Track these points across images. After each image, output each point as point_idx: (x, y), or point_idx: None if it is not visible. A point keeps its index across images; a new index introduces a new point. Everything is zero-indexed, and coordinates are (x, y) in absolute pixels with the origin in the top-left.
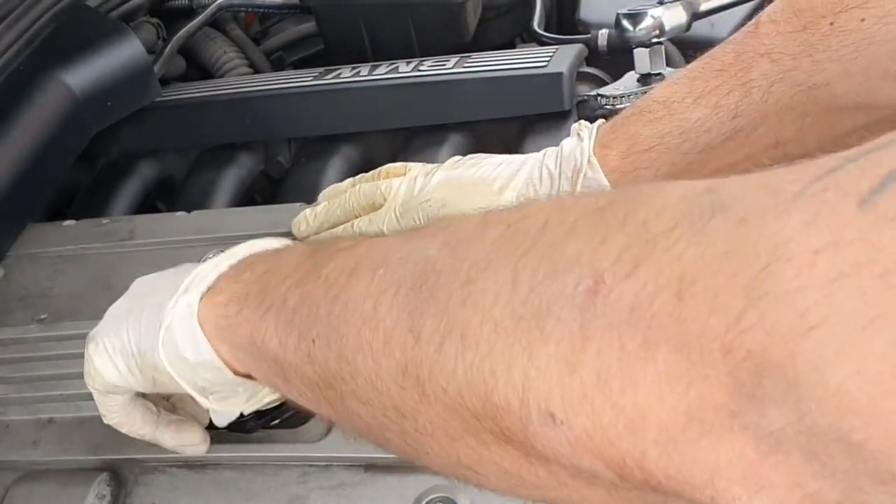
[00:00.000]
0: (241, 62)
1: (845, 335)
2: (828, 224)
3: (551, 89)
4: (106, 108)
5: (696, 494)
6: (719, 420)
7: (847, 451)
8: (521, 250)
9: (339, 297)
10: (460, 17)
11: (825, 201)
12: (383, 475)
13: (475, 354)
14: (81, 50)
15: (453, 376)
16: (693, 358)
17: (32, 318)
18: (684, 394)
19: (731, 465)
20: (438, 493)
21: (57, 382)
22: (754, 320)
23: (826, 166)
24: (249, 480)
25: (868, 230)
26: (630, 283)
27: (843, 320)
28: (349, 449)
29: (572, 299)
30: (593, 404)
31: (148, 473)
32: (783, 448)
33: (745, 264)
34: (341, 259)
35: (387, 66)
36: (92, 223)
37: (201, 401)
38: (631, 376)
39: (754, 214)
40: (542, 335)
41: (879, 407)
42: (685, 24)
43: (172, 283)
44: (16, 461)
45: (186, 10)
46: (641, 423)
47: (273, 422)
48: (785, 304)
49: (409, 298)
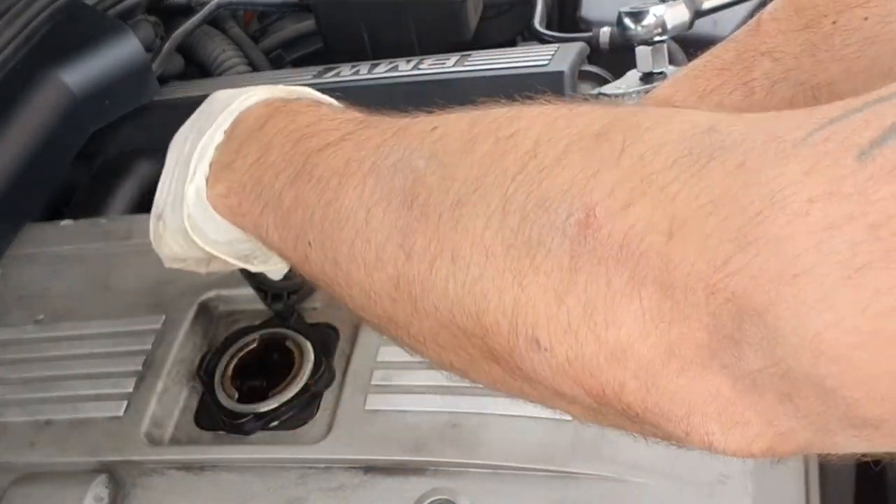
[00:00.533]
0: (239, 60)
1: (829, 285)
2: (825, 175)
3: (553, 88)
4: (104, 107)
5: (672, 428)
6: (698, 358)
7: (820, 396)
8: (510, 172)
9: (332, 205)
10: (461, 14)
11: (826, 152)
12: (383, 477)
13: (466, 276)
14: (79, 48)
15: (444, 295)
16: (677, 297)
17: (30, 319)
18: (666, 331)
19: (708, 401)
20: (438, 496)
21: (55, 383)
22: (741, 264)
23: (829, 115)
24: (248, 482)
25: (864, 182)
26: (621, 220)
27: (828, 270)
28: (349, 451)
29: (563, 231)
30: (577, 335)
31: (146, 475)
32: (758, 388)
33: (738, 209)
34: (330, 158)
35: (386, 65)
36: (90, 223)
37: (247, 266)
38: (615, 311)
39: (753, 159)
40: (532, 264)
41: (854, 357)
42: (687, 21)
43: (192, 142)
44: (13, 463)
45: (185, 8)
46: (622, 357)
47: (272, 423)
48: (773, 251)
49: (399, 214)
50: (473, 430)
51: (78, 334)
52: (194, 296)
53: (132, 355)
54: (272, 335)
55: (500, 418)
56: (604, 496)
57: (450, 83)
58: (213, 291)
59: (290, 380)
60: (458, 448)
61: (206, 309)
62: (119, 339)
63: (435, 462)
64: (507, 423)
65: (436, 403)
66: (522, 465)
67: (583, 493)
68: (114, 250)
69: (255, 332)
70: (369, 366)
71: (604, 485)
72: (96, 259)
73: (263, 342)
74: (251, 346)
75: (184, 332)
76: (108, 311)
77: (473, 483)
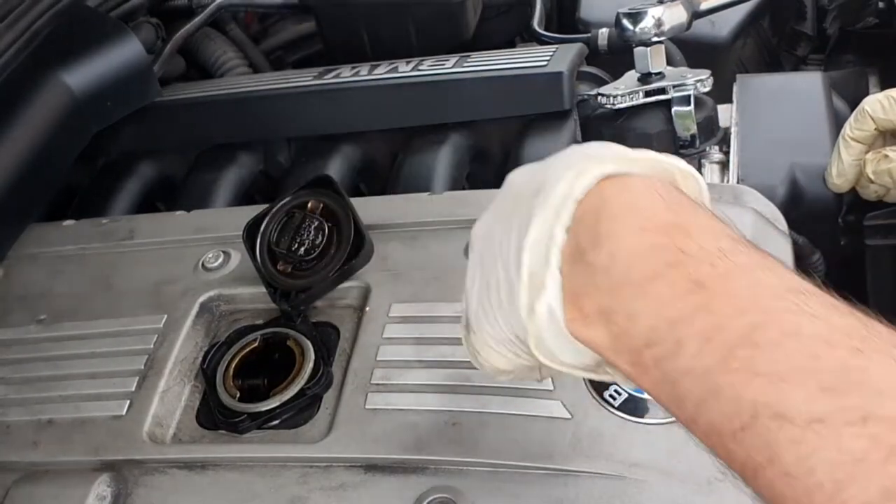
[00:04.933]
0: (240, 62)
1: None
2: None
3: (552, 89)
4: (106, 108)
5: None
6: None
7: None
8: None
9: (771, 406)
10: (460, 16)
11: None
12: (384, 476)
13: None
14: (81, 50)
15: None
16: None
17: (32, 319)
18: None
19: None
20: (439, 494)
21: (57, 383)
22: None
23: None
24: (250, 481)
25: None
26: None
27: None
28: (349, 450)
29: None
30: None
31: (148, 474)
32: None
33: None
34: (763, 334)
35: (386, 66)
36: (92, 223)
37: (592, 376)
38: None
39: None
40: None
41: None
42: (685, 22)
43: (515, 242)
44: (16, 462)
45: (186, 10)
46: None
47: (268, 423)
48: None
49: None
50: (473, 428)
51: (80, 334)
52: (195, 295)
53: (134, 355)
54: (274, 334)
55: (499, 417)
56: (603, 494)
57: (449, 84)
58: (213, 291)
59: (289, 382)
60: (459, 447)
61: (207, 308)
62: (121, 339)
63: (435, 461)
64: (507, 422)
65: (436, 402)
66: (522, 464)
67: (582, 491)
68: (115, 250)
69: (257, 331)
70: (370, 365)
71: (603, 483)
72: (98, 259)
73: (265, 341)
74: (253, 344)
75: (185, 331)
76: (110, 310)
77: (473, 481)
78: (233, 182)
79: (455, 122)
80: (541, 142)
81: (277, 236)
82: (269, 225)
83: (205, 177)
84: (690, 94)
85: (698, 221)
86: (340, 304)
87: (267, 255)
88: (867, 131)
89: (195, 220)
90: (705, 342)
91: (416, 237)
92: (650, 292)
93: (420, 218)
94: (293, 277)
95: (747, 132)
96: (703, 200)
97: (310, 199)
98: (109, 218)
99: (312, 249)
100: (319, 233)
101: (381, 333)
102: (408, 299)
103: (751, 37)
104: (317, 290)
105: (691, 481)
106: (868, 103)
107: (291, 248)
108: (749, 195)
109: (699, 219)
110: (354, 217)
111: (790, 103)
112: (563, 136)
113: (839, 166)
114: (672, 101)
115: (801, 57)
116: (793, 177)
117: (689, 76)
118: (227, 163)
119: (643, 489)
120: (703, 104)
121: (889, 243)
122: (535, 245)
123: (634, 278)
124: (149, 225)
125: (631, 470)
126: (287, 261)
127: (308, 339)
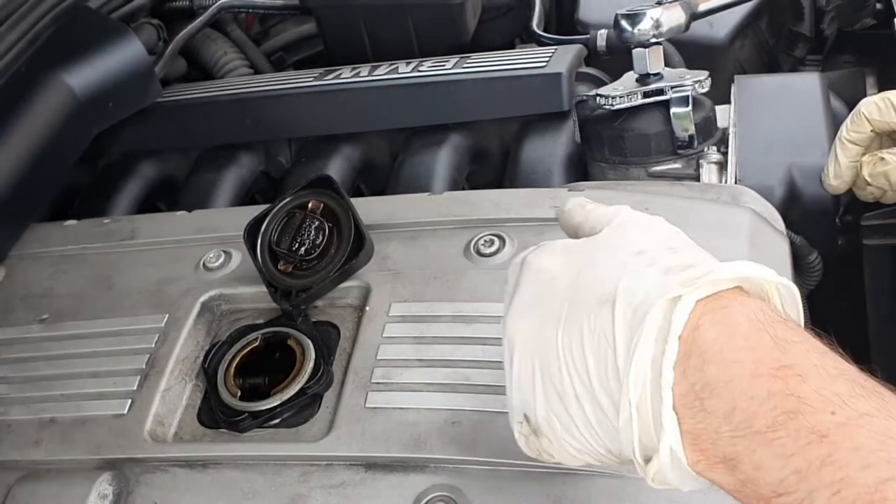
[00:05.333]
0: (241, 63)
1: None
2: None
3: (550, 89)
4: (107, 109)
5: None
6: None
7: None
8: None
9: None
10: (460, 17)
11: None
12: (384, 474)
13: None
14: (83, 51)
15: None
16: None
17: (34, 318)
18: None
19: None
20: (438, 493)
21: (59, 382)
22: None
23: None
24: (251, 479)
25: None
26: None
27: None
28: (350, 448)
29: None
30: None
31: (149, 473)
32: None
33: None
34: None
35: (387, 67)
36: (93, 223)
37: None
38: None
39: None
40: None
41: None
42: (684, 24)
43: (593, 358)
44: (18, 461)
45: (187, 12)
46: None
47: (268, 422)
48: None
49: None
50: (473, 427)
51: (81, 333)
52: (196, 295)
53: (135, 354)
54: (274, 334)
55: (499, 415)
56: (602, 493)
57: (449, 85)
58: (214, 291)
59: (290, 381)
60: (458, 445)
61: (208, 308)
62: (122, 338)
63: (435, 459)
64: (507, 421)
65: (436, 401)
66: (521, 462)
67: (581, 490)
68: (116, 250)
69: (258, 331)
70: (370, 364)
71: (601, 481)
72: (100, 259)
73: (266, 340)
74: (254, 344)
75: (187, 330)
76: (112, 310)
77: (473, 480)
78: (233, 182)
79: (455, 122)
80: (540, 142)
81: (278, 236)
82: (270, 225)
83: (206, 177)
84: (689, 94)
85: (809, 360)
86: (341, 303)
87: (268, 254)
88: (863, 133)
89: (196, 221)
90: (834, 495)
91: (416, 237)
92: (774, 442)
93: (420, 218)
94: (294, 277)
95: (745, 133)
96: (798, 311)
97: (310, 199)
98: (111, 218)
99: (313, 249)
100: (320, 233)
101: (381, 333)
102: (408, 299)
103: (749, 38)
104: (317, 289)
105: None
106: (864, 105)
107: (292, 247)
108: (747, 195)
109: (810, 357)
110: (354, 217)
111: (788, 104)
112: (561, 136)
113: (836, 168)
114: (670, 101)
115: (798, 58)
116: (791, 177)
117: (688, 77)
118: (228, 163)
119: (643, 489)
120: (702, 105)
121: (887, 243)
122: (636, 377)
123: (757, 428)
124: (150, 225)
125: (630, 469)
126: (288, 260)
127: (309, 338)
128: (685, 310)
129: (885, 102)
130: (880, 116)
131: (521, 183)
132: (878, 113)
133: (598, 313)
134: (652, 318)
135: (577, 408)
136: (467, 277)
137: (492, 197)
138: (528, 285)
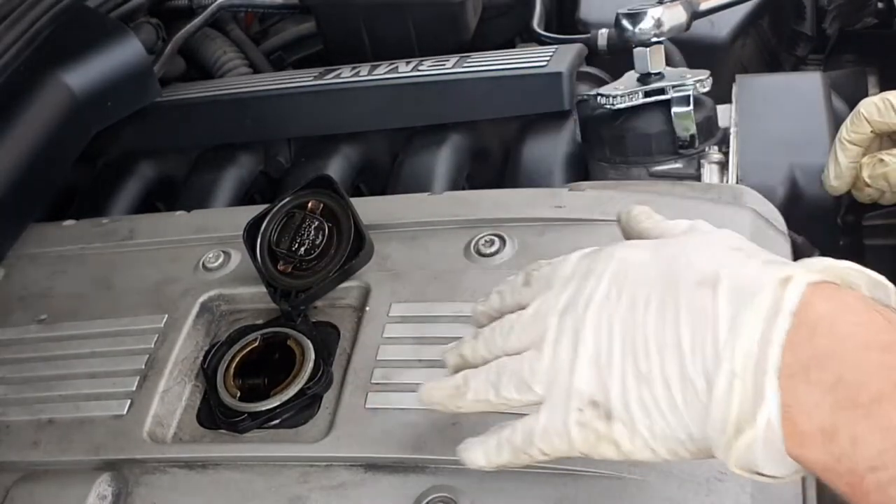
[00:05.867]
0: (240, 62)
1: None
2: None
3: (551, 89)
4: (106, 109)
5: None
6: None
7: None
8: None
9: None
10: (460, 16)
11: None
12: (384, 475)
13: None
14: (81, 50)
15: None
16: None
17: (33, 319)
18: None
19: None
20: (438, 493)
21: (57, 383)
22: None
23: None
24: (250, 480)
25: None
26: None
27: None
28: (350, 449)
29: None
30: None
31: (149, 473)
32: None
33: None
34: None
35: (386, 66)
36: (92, 223)
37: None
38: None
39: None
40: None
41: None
42: (685, 23)
43: (688, 338)
44: (16, 462)
45: (186, 11)
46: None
47: (268, 423)
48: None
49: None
50: (473, 427)
51: (80, 334)
52: (196, 295)
53: (135, 354)
54: (274, 334)
55: (499, 416)
56: (603, 494)
57: (449, 84)
58: (214, 291)
59: (289, 382)
60: (458, 446)
61: (207, 308)
62: (121, 339)
63: (435, 460)
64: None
65: None
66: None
67: (582, 491)
68: (115, 250)
69: (257, 331)
70: (370, 365)
71: (603, 482)
72: (98, 259)
73: (265, 341)
74: (253, 344)
75: (186, 331)
76: (111, 310)
77: (473, 481)
78: (233, 182)
79: (455, 122)
80: (540, 142)
81: (278, 236)
82: (270, 225)
83: (205, 177)
84: (690, 94)
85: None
86: (340, 303)
87: (267, 254)
88: (863, 134)
89: (195, 221)
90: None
91: (416, 237)
92: (877, 414)
93: (420, 218)
94: (293, 277)
95: (747, 132)
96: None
97: (310, 199)
98: (110, 218)
99: (312, 249)
100: (319, 233)
101: (381, 333)
102: (408, 299)
103: (750, 37)
104: (317, 289)
105: (691, 481)
106: (864, 106)
107: (292, 247)
108: (748, 195)
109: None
110: (354, 217)
111: (789, 103)
112: (562, 136)
113: (836, 169)
114: (671, 101)
115: (800, 57)
116: (792, 177)
117: (689, 76)
118: (228, 163)
119: (643, 489)
120: (703, 104)
121: (888, 243)
122: (743, 353)
123: (861, 401)
124: (149, 225)
125: (631, 470)
126: (287, 261)
127: (308, 338)
128: (798, 288)
129: (885, 103)
130: (880, 117)
131: (521, 183)
132: (877, 114)
133: (698, 293)
134: (763, 297)
135: (664, 388)
136: (467, 277)
137: (492, 197)
138: (608, 273)
